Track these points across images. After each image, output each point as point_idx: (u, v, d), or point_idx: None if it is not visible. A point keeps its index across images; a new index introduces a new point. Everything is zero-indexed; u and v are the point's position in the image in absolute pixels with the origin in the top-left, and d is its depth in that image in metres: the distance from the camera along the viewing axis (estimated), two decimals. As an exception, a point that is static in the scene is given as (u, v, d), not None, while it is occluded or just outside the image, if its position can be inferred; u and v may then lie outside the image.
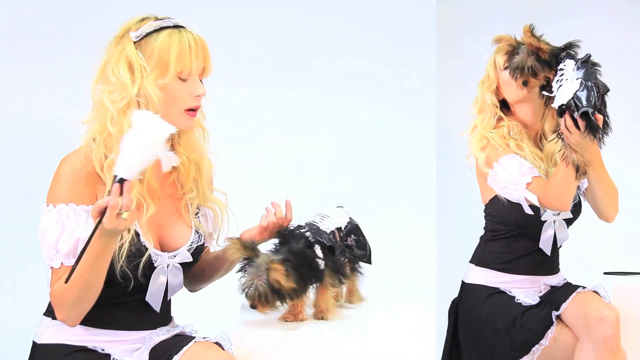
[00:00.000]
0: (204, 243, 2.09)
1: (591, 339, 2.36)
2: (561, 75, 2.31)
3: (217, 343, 1.94)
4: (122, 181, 1.74)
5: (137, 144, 1.76)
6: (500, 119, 2.60)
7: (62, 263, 1.89)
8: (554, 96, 2.31)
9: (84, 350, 1.95)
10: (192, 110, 2.00)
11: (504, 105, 2.64)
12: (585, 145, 2.31)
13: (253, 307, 1.98)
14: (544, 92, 2.40)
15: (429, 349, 1.99)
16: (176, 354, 1.90)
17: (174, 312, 2.13)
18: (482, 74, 2.67)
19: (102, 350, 1.96)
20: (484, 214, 2.66)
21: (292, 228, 2.11)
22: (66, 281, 1.77)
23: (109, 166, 1.91)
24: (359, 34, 3.63)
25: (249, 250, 2.00)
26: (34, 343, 2.00)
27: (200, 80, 2.01)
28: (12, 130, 3.23)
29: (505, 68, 2.53)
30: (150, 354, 1.98)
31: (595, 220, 2.62)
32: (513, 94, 2.56)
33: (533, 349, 2.43)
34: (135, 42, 1.96)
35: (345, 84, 3.62)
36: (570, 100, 2.24)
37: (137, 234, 1.94)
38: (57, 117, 3.16)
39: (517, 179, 2.45)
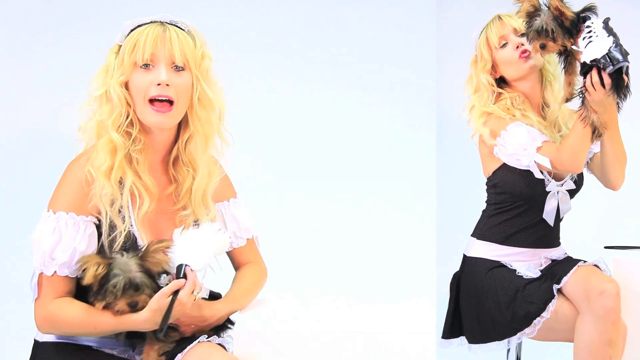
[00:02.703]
0: None
1: (592, 312, 2.38)
2: (589, 32, 2.28)
3: (219, 344, 1.94)
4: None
5: (209, 248, 1.93)
6: (499, 94, 2.60)
7: (55, 272, 1.88)
8: (581, 51, 2.28)
9: (87, 348, 1.96)
10: (158, 101, 1.92)
11: (501, 81, 2.64)
12: (607, 105, 2.31)
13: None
14: (573, 46, 2.34)
15: (430, 321, 2.01)
16: (180, 352, 1.91)
17: None
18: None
19: (104, 349, 1.97)
20: (486, 187, 2.67)
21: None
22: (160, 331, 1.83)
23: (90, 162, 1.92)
24: (357, 22, 3.64)
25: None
26: (36, 341, 2.00)
27: (182, 69, 1.94)
28: (10, 131, 3.23)
29: (522, 35, 2.47)
30: None
31: (596, 195, 2.64)
32: (514, 72, 2.56)
33: (534, 321, 2.45)
34: (120, 45, 1.96)
35: (345, 71, 3.63)
36: (604, 55, 2.21)
37: (132, 233, 1.93)
38: (56, 117, 3.16)
39: (527, 144, 2.45)
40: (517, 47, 2.54)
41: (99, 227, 1.92)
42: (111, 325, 1.87)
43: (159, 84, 1.91)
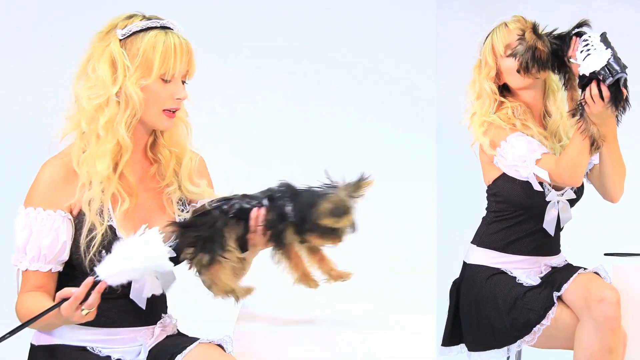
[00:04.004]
0: None
1: (592, 320, 2.38)
2: (586, 46, 2.30)
3: (219, 345, 1.95)
4: (98, 281, 1.77)
5: (133, 261, 1.79)
6: (501, 103, 2.59)
7: (27, 268, 1.92)
8: (579, 64, 2.30)
9: (83, 350, 1.96)
10: (172, 111, 1.99)
11: (504, 88, 2.63)
12: (605, 117, 2.32)
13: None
14: (571, 60, 2.38)
15: (429, 328, 2.00)
16: (179, 354, 1.91)
17: (175, 313, 2.13)
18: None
19: (100, 352, 1.96)
20: (486, 195, 2.67)
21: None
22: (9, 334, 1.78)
23: (83, 162, 1.92)
24: (356, 24, 3.63)
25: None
26: (32, 345, 2.01)
27: (184, 82, 2.00)
28: (14, 133, 3.22)
29: (509, 56, 2.52)
30: (150, 352, 1.99)
31: (596, 202, 2.63)
32: (518, 81, 2.55)
33: (534, 329, 2.45)
34: (120, 40, 1.95)
35: (345, 74, 3.62)
36: (603, 66, 2.23)
37: (111, 228, 1.93)
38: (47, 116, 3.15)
39: (526, 156, 2.45)
40: None
41: (78, 226, 1.93)
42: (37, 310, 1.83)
43: (178, 98, 1.98)
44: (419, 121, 3.65)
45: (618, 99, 2.27)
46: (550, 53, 2.44)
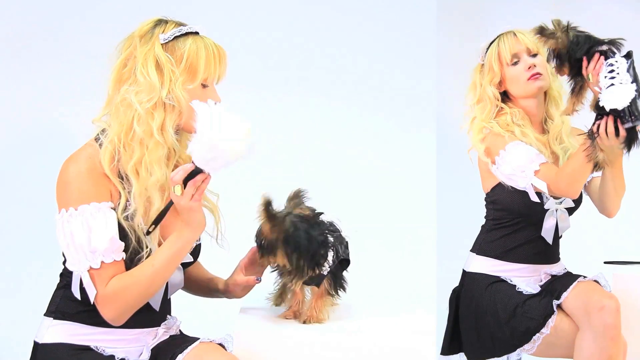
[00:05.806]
0: (200, 243, 2.11)
1: (592, 328, 2.37)
2: (611, 72, 2.22)
3: (220, 344, 1.96)
4: (199, 171, 1.85)
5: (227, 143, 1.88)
6: (501, 109, 2.59)
7: (102, 262, 1.87)
8: (600, 91, 2.23)
9: (87, 349, 1.96)
10: None
11: (504, 94, 2.63)
12: (615, 150, 2.28)
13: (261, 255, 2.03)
14: (590, 80, 2.29)
15: (429, 337, 2.00)
16: (180, 353, 1.92)
17: (176, 313, 2.14)
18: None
19: (104, 351, 1.96)
20: (485, 203, 2.67)
21: (318, 216, 2.12)
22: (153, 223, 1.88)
23: (132, 170, 1.92)
24: (356, 28, 3.63)
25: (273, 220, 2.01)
26: (35, 343, 2.00)
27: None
28: (15, 134, 3.21)
29: (514, 64, 2.53)
30: (151, 352, 2.00)
31: (595, 211, 2.63)
32: (521, 90, 2.55)
33: (534, 337, 2.44)
34: (162, 45, 1.97)
35: (344, 79, 3.62)
36: (625, 107, 2.15)
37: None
38: (57, 118, 3.14)
39: (525, 166, 2.44)
40: (529, 67, 2.53)
41: (127, 245, 1.92)
42: (164, 251, 1.89)
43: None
44: (418, 128, 3.64)
45: (633, 140, 2.23)
46: (567, 52, 2.33)
